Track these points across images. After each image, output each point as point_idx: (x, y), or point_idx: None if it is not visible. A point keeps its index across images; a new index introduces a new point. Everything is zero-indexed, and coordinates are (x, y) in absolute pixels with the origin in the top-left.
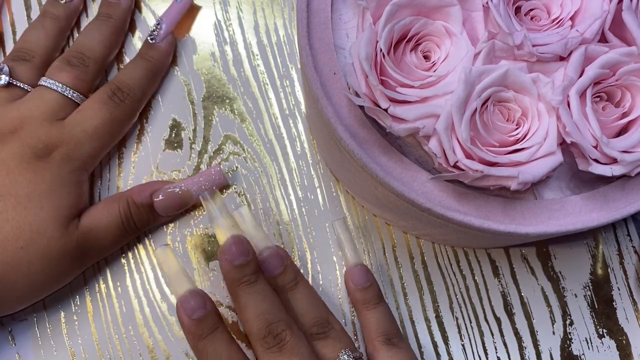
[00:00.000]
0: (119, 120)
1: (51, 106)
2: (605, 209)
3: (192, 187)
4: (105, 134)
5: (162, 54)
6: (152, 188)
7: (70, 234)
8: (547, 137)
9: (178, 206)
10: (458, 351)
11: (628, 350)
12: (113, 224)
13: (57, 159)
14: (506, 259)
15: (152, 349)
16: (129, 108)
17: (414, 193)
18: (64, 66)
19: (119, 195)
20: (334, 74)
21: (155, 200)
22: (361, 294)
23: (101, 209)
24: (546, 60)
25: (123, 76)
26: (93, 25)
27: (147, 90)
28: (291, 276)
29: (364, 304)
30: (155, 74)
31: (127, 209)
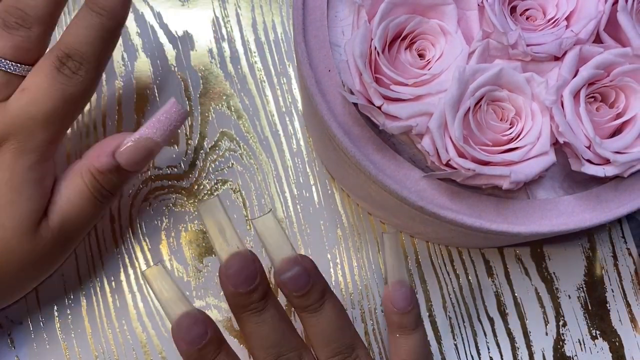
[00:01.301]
0: (73, 98)
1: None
2: (598, 209)
3: (153, 133)
4: (60, 117)
5: (115, 2)
6: (110, 147)
7: (43, 235)
8: (540, 137)
9: (145, 157)
10: (451, 350)
11: (621, 352)
12: (85, 201)
13: (8, 155)
14: (500, 259)
15: (145, 344)
16: (84, 80)
17: (406, 191)
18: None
19: (77, 167)
20: (329, 71)
21: (119, 159)
22: (399, 318)
23: (64, 191)
24: (540, 60)
25: (71, 38)
26: None
27: (102, 54)
28: (316, 297)
29: (400, 328)
30: (110, 32)
31: (92, 179)
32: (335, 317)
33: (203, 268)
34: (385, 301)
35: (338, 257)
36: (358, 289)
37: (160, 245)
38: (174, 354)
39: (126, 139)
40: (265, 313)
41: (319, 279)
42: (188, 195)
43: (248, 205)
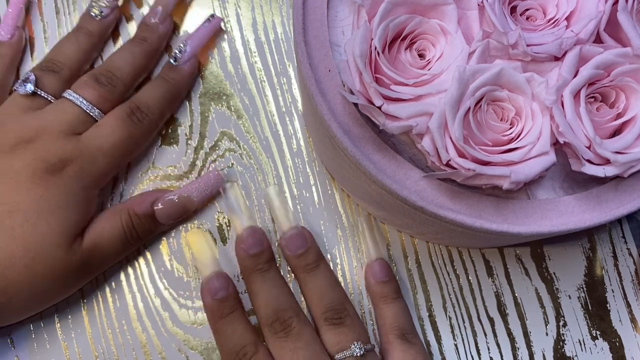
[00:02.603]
0: (135, 139)
1: (71, 120)
2: (598, 209)
3: (191, 193)
4: (121, 152)
5: (184, 77)
6: (152, 197)
7: (75, 252)
8: (541, 137)
9: (179, 213)
10: (451, 351)
11: (621, 352)
12: (116, 237)
13: (70, 174)
14: (500, 260)
15: (145, 344)
16: (146, 128)
17: (406, 191)
18: (91, 82)
19: (119, 208)
20: (329, 71)
21: (156, 210)
22: (379, 288)
23: (103, 223)
24: (541, 60)
25: (143, 96)
26: (127, 47)
27: (165, 111)
28: (313, 258)
29: (381, 297)
30: (174, 96)
31: (129, 220)
32: (329, 278)
33: None
34: (366, 276)
35: (338, 257)
36: (358, 289)
37: (160, 245)
38: (174, 354)
39: (167, 195)
40: (269, 273)
41: (315, 245)
42: None
43: (248, 206)
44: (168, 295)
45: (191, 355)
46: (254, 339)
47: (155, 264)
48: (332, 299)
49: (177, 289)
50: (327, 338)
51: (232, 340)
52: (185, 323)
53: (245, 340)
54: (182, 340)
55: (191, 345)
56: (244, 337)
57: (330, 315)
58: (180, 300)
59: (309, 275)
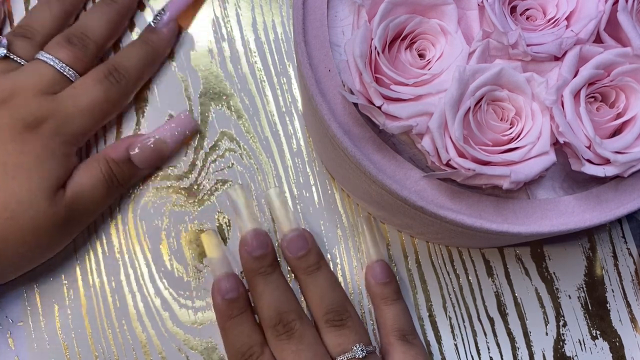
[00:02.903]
0: (112, 100)
1: (46, 80)
2: (598, 209)
3: (164, 135)
4: (97, 112)
5: (163, 39)
6: (126, 143)
7: (58, 203)
8: (541, 137)
9: (155, 156)
10: (451, 351)
11: (621, 352)
12: (98, 185)
13: (47, 131)
14: (500, 259)
15: (145, 344)
16: (123, 89)
17: (406, 191)
18: (63, 43)
19: (96, 157)
20: (329, 71)
21: (132, 154)
22: (380, 289)
23: (82, 173)
24: (541, 60)
25: (121, 57)
26: (98, 8)
27: (143, 73)
28: (314, 259)
29: (382, 299)
30: (153, 59)
31: (107, 167)
32: (330, 279)
33: (203, 268)
34: (367, 276)
35: (338, 257)
36: (358, 289)
37: (160, 245)
38: (174, 354)
39: (140, 138)
40: (272, 276)
41: (315, 247)
42: (188, 195)
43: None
44: (168, 295)
45: (191, 355)
46: (261, 340)
47: (155, 264)
48: (333, 300)
49: (177, 289)
50: (328, 340)
51: (240, 340)
52: (185, 323)
53: (252, 341)
54: (182, 340)
55: (191, 345)
56: (251, 338)
57: (332, 317)
58: (180, 300)
59: (310, 276)
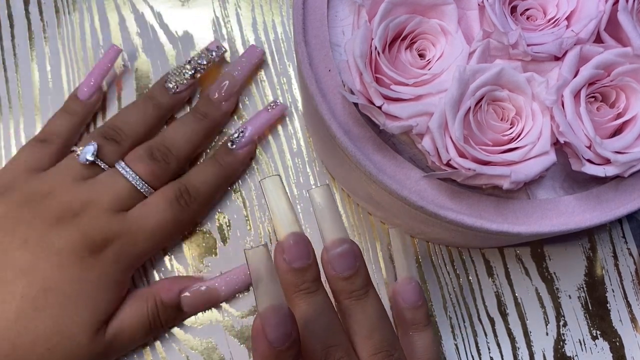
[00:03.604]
0: (180, 223)
1: (120, 195)
2: (599, 209)
3: (220, 286)
4: (163, 235)
5: (239, 162)
6: (180, 285)
7: (99, 340)
8: (541, 137)
9: (205, 305)
10: (451, 351)
11: (621, 352)
12: (140, 324)
13: (109, 256)
14: (500, 259)
15: (145, 344)
16: (193, 212)
17: (406, 191)
18: (145, 157)
19: (146, 293)
20: (329, 71)
21: (183, 298)
22: (411, 314)
23: (128, 310)
24: (541, 60)
25: (194, 178)
26: (185, 121)
27: (214, 195)
28: (362, 282)
29: (412, 324)
30: (226, 181)
31: (154, 309)
32: (380, 309)
33: (203, 268)
34: (395, 297)
35: None
36: None
37: None
38: (174, 354)
39: (195, 285)
40: (318, 296)
41: (364, 266)
42: None
43: (248, 205)
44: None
45: (191, 355)
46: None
47: (155, 264)
48: (383, 338)
49: None
50: None
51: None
52: (185, 323)
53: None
54: (182, 340)
55: (191, 345)
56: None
57: (381, 358)
58: None
59: (357, 303)
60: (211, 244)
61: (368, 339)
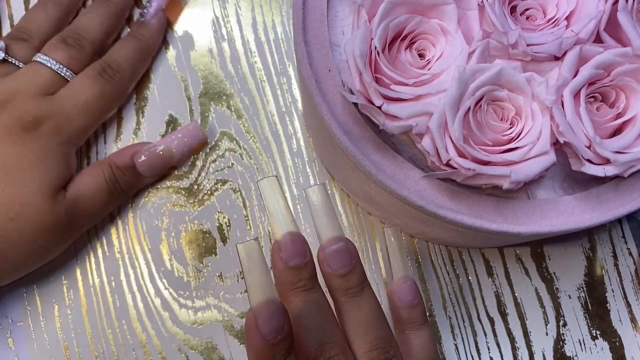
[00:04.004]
0: (108, 97)
1: (43, 81)
2: (598, 209)
3: (171, 145)
4: (95, 109)
5: (153, 32)
6: (133, 150)
7: (59, 204)
8: (541, 137)
9: (160, 165)
10: (451, 351)
11: (621, 352)
12: (100, 189)
13: (46, 131)
14: (500, 259)
15: (145, 344)
16: (118, 85)
17: (406, 191)
18: (59, 44)
19: (100, 162)
20: (329, 71)
21: (137, 162)
22: (407, 312)
23: (85, 176)
24: (540, 60)
25: (113, 54)
26: (93, 8)
27: (137, 68)
28: (358, 279)
29: (409, 323)
30: (145, 52)
31: (111, 173)
32: (376, 306)
33: (203, 268)
34: (391, 296)
35: None
36: None
37: (160, 245)
38: (174, 354)
39: (147, 146)
40: (314, 293)
41: (360, 264)
42: (188, 195)
43: (248, 205)
44: (168, 295)
45: (191, 355)
46: None
47: (155, 264)
48: (379, 335)
49: (177, 289)
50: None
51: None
52: (185, 323)
53: None
54: (182, 340)
55: (191, 345)
56: None
57: (376, 355)
58: (180, 300)
59: (353, 301)
60: (211, 244)
61: (364, 336)
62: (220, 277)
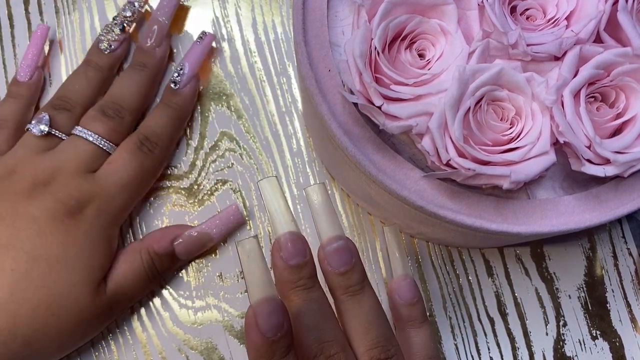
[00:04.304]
0: (148, 170)
1: (85, 157)
2: (598, 209)
3: (211, 230)
4: (136, 186)
5: (186, 99)
6: (172, 235)
7: (100, 297)
8: (541, 137)
9: (198, 249)
10: (451, 351)
11: (621, 352)
12: (138, 277)
13: (90, 215)
14: (500, 259)
15: (145, 344)
16: (158, 157)
17: (406, 191)
18: (99, 116)
19: (138, 247)
20: (329, 71)
21: (176, 246)
22: (407, 310)
23: (123, 264)
24: (540, 60)
25: (150, 125)
26: (128, 75)
27: (173, 137)
28: (358, 277)
29: (409, 321)
30: (180, 120)
31: (149, 259)
32: (376, 304)
33: (203, 268)
34: (391, 294)
35: None
36: None
37: None
38: (174, 354)
39: (187, 232)
40: (314, 292)
41: (360, 262)
42: (188, 195)
43: (248, 205)
44: (168, 295)
45: (191, 355)
46: None
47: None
48: (380, 333)
49: (177, 289)
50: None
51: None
52: (185, 323)
53: None
54: (182, 340)
55: (191, 345)
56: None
57: (377, 354)
58: (180, 300)
59: (353, 299)
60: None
61: (364, 334)
62: (220, 277)
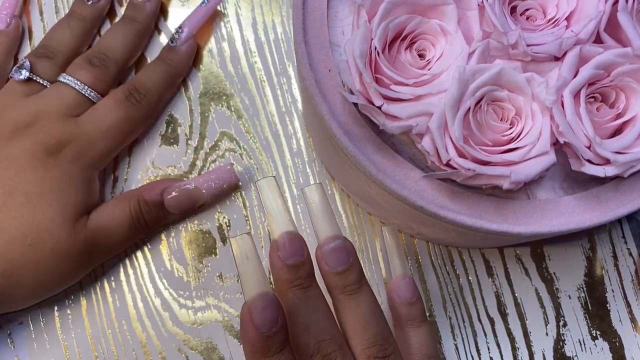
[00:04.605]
0: (133, 121)
1: (67, 102)
2: (598, 209)
3: (202, 185)
4: (119, 134)
5: (182, 58)
6: (163, 186)
7: (78, 231)
8: (541, 137)
9: (189, 204)
10: (451, 351)
11: (621, 352)
12: (123, 222)
13: (68, 156)
14: (500, 260)
15: (145, 344)
16: (144, 109)
17: (406, 191)
18: (84, 65)
19: (129, 194)
20: (329, 71)
21: (166, 198)
22: (406, 309)
23: (111, 207)
24: (540, 60)
25: (141, 77)
26: (117, 27)
27: (164, 93)
28: (356, 277)
29: (408, 320)
30: (173, 78)
31: (137, 207)
32: (373, 303)
33: (203, 268)
34: (390, 294)
35: None
36: None
37: (160, 245)
38: (174, 354)
39: (177, 184)
40: (311, 291)
41: (358, 262)
42: None
43: (248, 205)
44: (168, 295)
45: (191, 355)
46: None
47: (155, 264)
48: (377, 332)
49: (177, 289)
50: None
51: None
52: (185, 323)
53: None
54: (182, 340)
55: (191, 345)
56: None
57: (374, 352)
58: (180, 300)
59: (351, 298)
60: (211, 244)
61: (362, 333)
62: (220, 277)
